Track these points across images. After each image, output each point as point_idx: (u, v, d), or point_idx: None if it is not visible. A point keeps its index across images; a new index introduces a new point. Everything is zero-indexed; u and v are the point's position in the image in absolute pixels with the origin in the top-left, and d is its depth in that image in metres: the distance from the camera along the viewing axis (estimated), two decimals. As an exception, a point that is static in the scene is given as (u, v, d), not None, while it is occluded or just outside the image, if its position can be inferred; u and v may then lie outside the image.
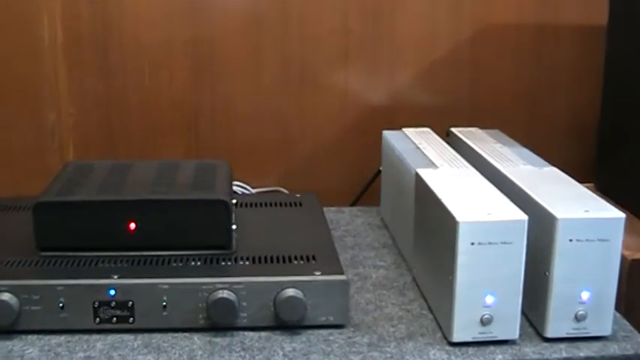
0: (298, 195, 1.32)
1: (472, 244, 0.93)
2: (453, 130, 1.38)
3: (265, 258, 1.06)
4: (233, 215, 1.07)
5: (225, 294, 0.99)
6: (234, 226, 1.08)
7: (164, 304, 0.99)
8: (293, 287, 1.00)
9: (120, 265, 1.03)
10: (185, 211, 1.05)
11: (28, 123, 1.43)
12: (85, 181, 1.12)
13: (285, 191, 1.48)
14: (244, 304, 1.00)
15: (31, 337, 0.98)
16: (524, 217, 0.95)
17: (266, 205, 1.29)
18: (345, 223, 1.38)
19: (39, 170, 1.43)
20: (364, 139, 1.49)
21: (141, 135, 1.46)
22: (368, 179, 1.45)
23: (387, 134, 1.36)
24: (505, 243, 0.94)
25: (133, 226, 1.05)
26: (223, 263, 1.04)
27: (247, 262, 1.05)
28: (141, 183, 1.13)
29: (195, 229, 1.06)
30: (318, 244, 1.12)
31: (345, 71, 1.47)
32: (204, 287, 0.99)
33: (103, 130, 1.45)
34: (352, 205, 1.47)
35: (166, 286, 0.99)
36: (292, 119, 1.49)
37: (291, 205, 1.28)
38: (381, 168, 1.42)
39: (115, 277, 0.99)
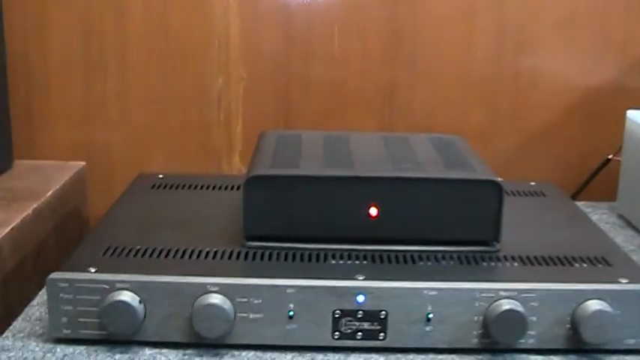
0: (533, 183, 1.03)
1: None
2: None
3: (538, 259, 0.77)
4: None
5: (512, 305, 0.70)
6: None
7: (429, 315, 0.71)
8: (598, 299, 0.72)
9: (362, 262, 0.75)
10: (445, 193, 0.76)
11: (190, 89, 1.16)
12: (301, 154, 0.84)
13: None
14: (534, 318, 0.72)
15: (246, 354, 0.71)
16: None
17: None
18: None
19: (201, 146, 1.17)
20: (584, 123, 1.20)
21: (324, 109, 1.17)
22: (590, 169, 1.15)
23: (634, 114, 1.07)
24: None
25: (374, 211, 0.77)
26: (487, 263, 0.76)
27: (516, 263, 0.76)
28: (374, 158, 0.84)
29: (455, 218, 0.77)
30: (598, 243, 0.83)
31: (567, 42, 1.18)
32: (483, 295, 0.71)
33: (279, 101, 1.17)
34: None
35: (434, 293, 0.71)
36: (503, 98, 1.19)
37: (531, 194, 1.00)
38: (610, 156, 1.13)
39: (361, 277, 0.72)
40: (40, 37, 1.14)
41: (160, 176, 0.99)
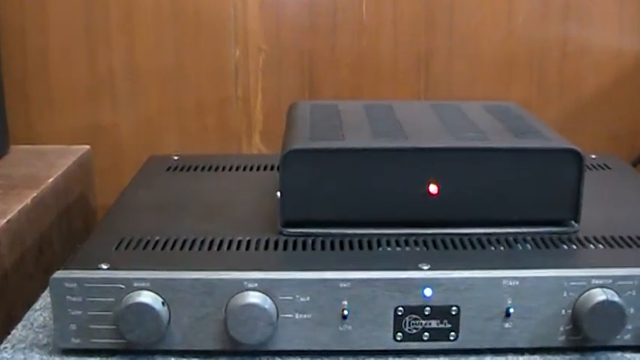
0: (594, 156, 0.91)
1: None
2: None
3: (625, 240, 0.64)
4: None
5: (607, 295, 0.58)
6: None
7: (509, 309, 0.58)
8: None
9: (423, 249, 0.63)
10: (517, 166, 0.63)
11: (204, 63, 1.02)
12: (342, 125, 0.70)
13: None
14: (631, 310, 0.59)
15: (292, 363, 0.59)
16: None
17: None
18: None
19: (217, 125, 1.04)
20: (636, 92, 1.07)
21: (351, 83, 1.04)
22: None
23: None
24: None
25: (434, 188, 0.64)
26: (568, 247, 0.63)
27: (601, 246, 0.63)
28: (429, 128, 0.71)
29: (528, 194, 0.64)
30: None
31: (618, 5, 1.03)
32: (572, 285, 0.58)
33: (302, 75, 1.03)
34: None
35: (514, 283, 0.58)
36: (548, 68, 1.05)
37: (595, 168, 0.87)
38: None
39: (426, 267, 0.60)
40: (37, 9, 1.00)
41: (175, 157, 0.86)
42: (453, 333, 0.58)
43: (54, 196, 0.87)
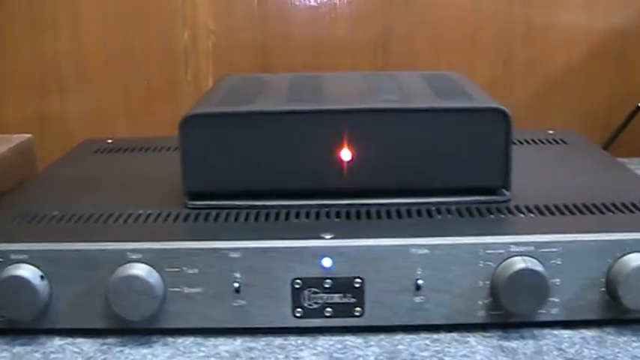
0: (552, 131, 0.84)
1: None
2: None
3: (560, 208, 0.58)
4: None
5: (528, 263, 0.52)
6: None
7: (418, 281, 0.52)
8: (641, 252, 0.53)
9: (336, 220, 0.57)
10: (438, 129, 0.57)
11: (153, 46, 0.97)
12: (260, 92, 0.65)
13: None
14: (557, 281, 0.53)
15: (183, 341, 0.52)
16: None
17: (515, 142, 0.71)
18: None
19: (167, 111, 0.98)
20: (609, 68, 1.00)
21: (307, 65, 0.97)
22: (619, 120, 0.96)
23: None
24: None
25: (347, 154, 0.58)
26: (495, 216, 0.57)
27: (532, 214, 0.57)
28: (349, 92, 0.65)
29: (451, 160, 0.57)
30: (636, 187, 0.64)
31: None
32: (488, 253, 0.52)
33: (255, 58, 0.97)
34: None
35: (424, 252, 0.53)
36: (515, 41, 0.99)
37: (550, 142, 0.81)
38: (640, 104, 0.95)
39: (328, 236, 0.54)
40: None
41: (109, 141, 0.82)
42: (358, 308, 0.52)
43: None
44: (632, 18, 0.98)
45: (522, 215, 0.57)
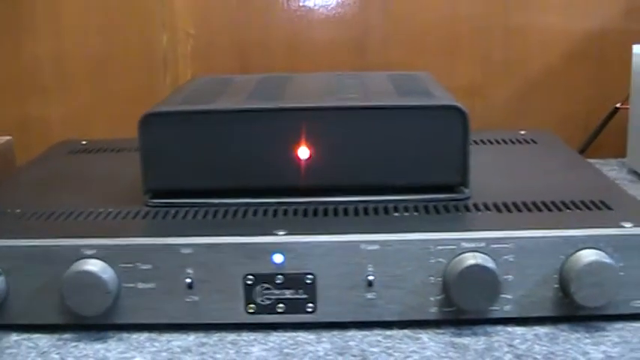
0: (523, 132, 0.84)
1: None
2: None
3: (518, 205, 0.58)
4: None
5: (479, 259, 0.52)
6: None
7: (369, 278, 0.53)
8: (594, 247, 0.53)
9: (292, 217, 0.57)
10: (395, 126, 0.57)
11: (132, 49, 0.97)
12: (225, 91, 0.66)
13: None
14: (509, 277, 0.53)
15: (137, 337, 0.53)
16: None
17: (485, 142, 0.79)
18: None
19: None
20: (586, 70, 1.00)
21: (286, 68, 0.97)
22: (597, 122, 0.96)
23: (642, 48, 0.88)
24: None
25: (304, 152, 0.58)
26: (451, 213, 0.57)
27: (489, 212, 0.57)
28: (312, 92, 0.66)
29: (408, 158, 0.58)
30: (596, 186, 0.64)
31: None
32: (439, 249, 0.53)
33: (234, 61, 0.98)
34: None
35: (374, 248, 0.53)
36: (494, 43, 0.98)
37: (520, 142, 0.81)
38: (618, 105, 0.94)
39: (281, 232, 0.55)
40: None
41: (84, 142, 0.82)
42: (310, 304, 0.52)
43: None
44: (610, 20, 0.98)
45: (479, 212, 0.57)
